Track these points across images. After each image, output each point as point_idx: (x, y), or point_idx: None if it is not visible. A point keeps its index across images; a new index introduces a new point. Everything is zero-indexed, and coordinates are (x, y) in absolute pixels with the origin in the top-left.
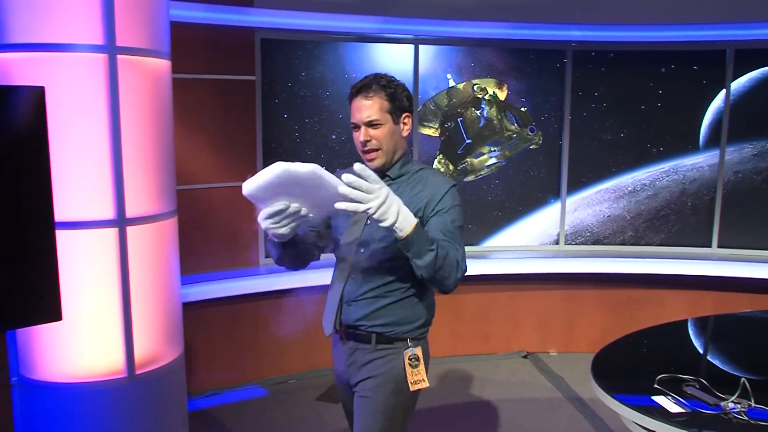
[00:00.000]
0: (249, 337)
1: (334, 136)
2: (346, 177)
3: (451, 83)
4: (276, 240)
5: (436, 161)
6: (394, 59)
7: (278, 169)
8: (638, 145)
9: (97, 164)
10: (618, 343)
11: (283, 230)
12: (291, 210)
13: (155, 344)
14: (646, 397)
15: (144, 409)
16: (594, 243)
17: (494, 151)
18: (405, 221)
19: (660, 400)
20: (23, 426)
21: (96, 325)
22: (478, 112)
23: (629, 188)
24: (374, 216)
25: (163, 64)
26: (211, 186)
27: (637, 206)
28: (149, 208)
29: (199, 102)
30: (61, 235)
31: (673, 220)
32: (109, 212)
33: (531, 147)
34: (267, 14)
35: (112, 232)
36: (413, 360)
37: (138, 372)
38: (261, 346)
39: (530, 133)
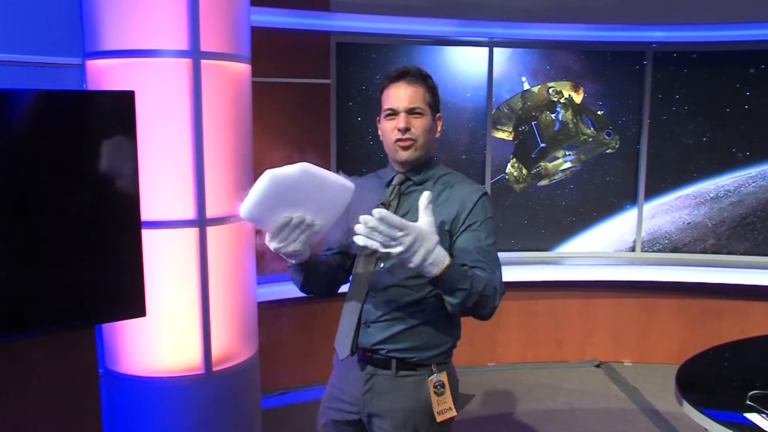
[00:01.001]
0: (320, 337)
1: None
2: (364, 219)
3: (526, 86)
4: (293, 261)
5: (509, 165)
6: (468, 62)
7: (266, 178)
8: (722, 149)
9: (179, 166)
10: (703, 356)
11: (294, 246)
12: (296, 221)
13: (232, 342)
14: (737, 413)
15: (219, 405)
16: (672, 251)
17: (569, 155)
18: (433, 265)
19: (754, 417)
20: (108, 415)
21: (176, 322)
22: (553, 115)
23: (711, 194)
24: (397, 257)
25: (244, 68)
26: None
27: (719, 213)
28: (228, 208)
29: (276, 105)
30: (145, 235)
31: (760, 228)
32: (190, 212)
33: (607, 151)
34: (343, 18)
35: (192, 232)
36: (439, 387)
37: (215, 369)
38: (331, 348)
39: (606, 137)
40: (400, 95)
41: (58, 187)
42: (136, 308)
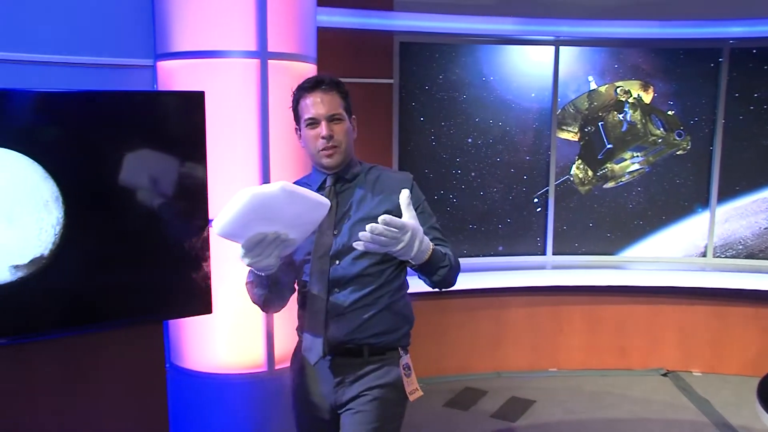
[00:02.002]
0: None
1: (470, 140)
2: (371, 227)
3: (593, 86)
4: (262, 275)
5: (574, 166)
6: (532, 61)
7: (246, 196)
8: None
9: (245, 165)
10: None
11: (267, 261)
12: (270, 237)
13: (294, 341)
14: None
15: (281, 403)
16: (748, 257)
17: (637, 156)
18: (423, 252)
19: None
20: (172, 408)
21: (240, 320)
22: (620, 115)
23: None
24: (394, 253)
25: (310, 69)
26: None
27: None
28: None
29: None
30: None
31: None
32: None
33: (678, 152)
34: (406, 18)
35: None
36: (406, 369)
37: (277, 367)
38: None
39: (677, 138)
40: (318, 104)
41: (130, 186)
42: (204, 306)
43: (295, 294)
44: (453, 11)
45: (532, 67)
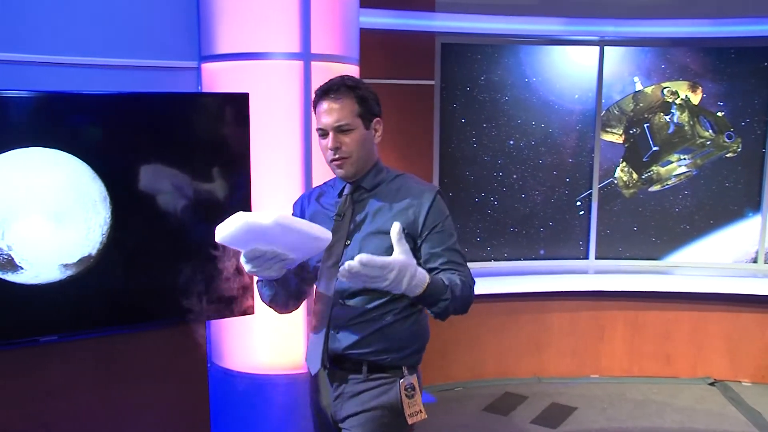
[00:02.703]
0: (451, 338)
1: (511, 142)
2: (348, 266)
3: (638, 87)
4: (267, 280)
5: (618, 169)
6: (576, 62)
7: (239, 222)
8: None
9: (288, 166)
10: None
11: (268, 273)
12: (269, 255)
13: None
14: None
15: None
16: None
17: (684, 159)
18: (416, 287)
19: None
20: (214, 408)
21: (281, 322)
22: (667, 117)
23: None
24: (381, 289)
25: (353, 70)
26: None
27: None
28: None
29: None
30: None
31: None
32: None
33: (727, 155)
34: (448, 18)
35: None
36: (410, 390)
37: None
38: (428, 352)
39: (727, 140)
40: (326, 113)
41: (174, 187)
42: (246, 307)
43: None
44: (495, 11)
45: (575, 67)
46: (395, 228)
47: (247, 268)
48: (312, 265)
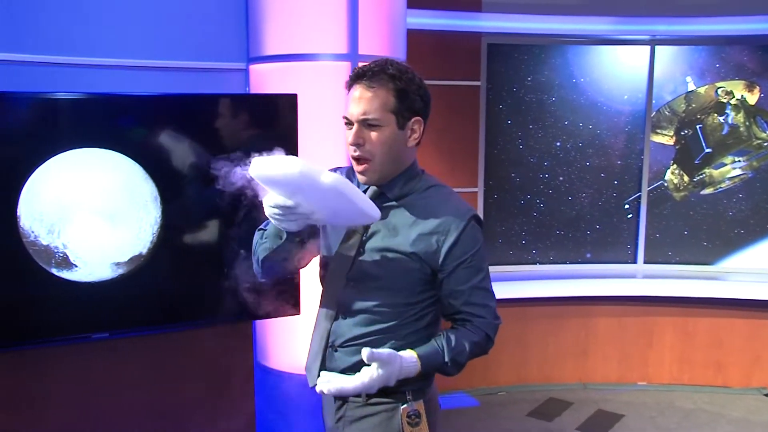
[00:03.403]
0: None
1: (558, 143)
2: (323, 378)
3: (691, 87)
4: (281, 228)
5: (669, 171)
6: (626, 62)
7: (292, 168)
8: None
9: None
10: None
11: (288, 225)
12: (301, 211)
13: None
14: None
15: None
16: None
17: (739, 161)
18: (406, 376)
19: None
20: (258, 406)
21: None
22: (721, 118)
23: None
24: None
25: None
26: None
27: None
28: None
29: None
30: None
31: None
32: None
33: None
34: (495, 18)
35: None
36: (413, 417)
37: None
38: (523, 350)
39: None
40: (354, 100)
41: (222, 187)
42: (292, 307)
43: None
44: (543, 11)
45: (625, 68)
46: (364, 354)
47: (269, 212)
48: (323, 255)
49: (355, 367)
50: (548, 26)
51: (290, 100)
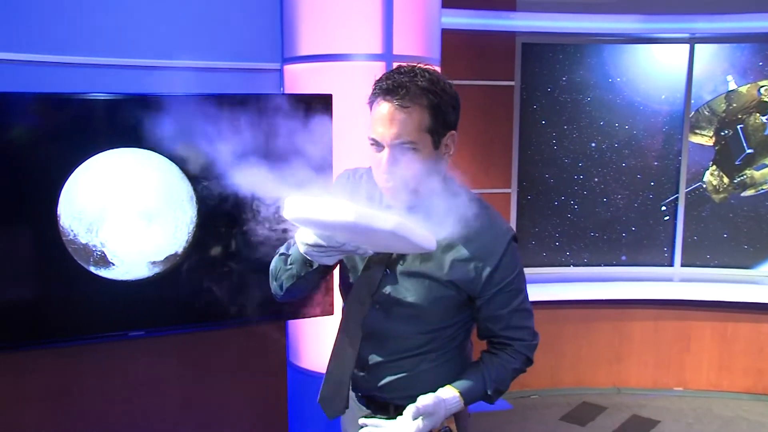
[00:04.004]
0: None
1: (593, 144)
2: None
3: (732, 86)
4: (313, 261)
5: (708, 173)
6: (664, 61)
7: (347, 216)
8: None
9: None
10: None
11: (328, 260)
12: (345, 249)
13: None
14: None
15: None
16: None
17: None
18: (451, 414)
19: None
20: (292, 405)
21: None
22: (764, 118)
23: None
24: None
25: None
26: None
27: None
28: None
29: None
30: None
31: None
32: None
33: None
34: (529, 18)
35: None
36: None
37: None
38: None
39: None
40: (385, 121)
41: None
42: (325, 307)
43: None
44: (578, 10)
45: (663, 67)
46: (409, 413)
47: (304, 249)
48: (344, 275)
49: (384, 389)
50: (584, 25)
51: (325, 100)
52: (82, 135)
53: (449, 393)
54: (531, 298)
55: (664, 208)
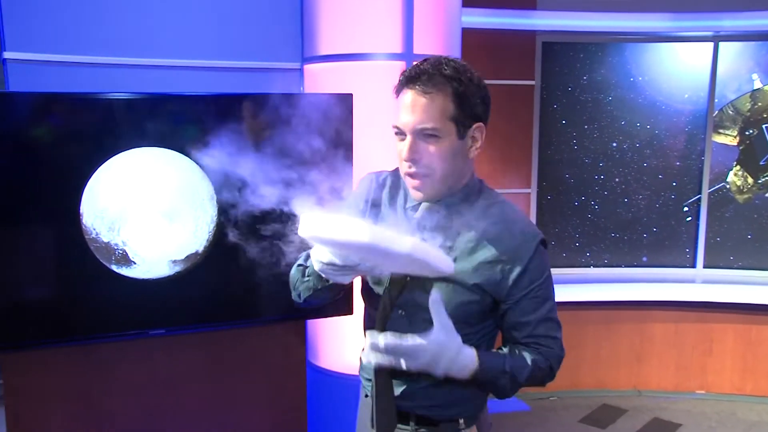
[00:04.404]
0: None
1: (614, 144)
2: (372, 344)
3: (757, 85)
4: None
5: (731, 173)
6: (687, 59)
7: (362, 236)
8: None
9: (391, 167)
10: None
11: (343, 279)
12: (360, 268)
13: None
14: None
15: None
16: None
17: None
18: (459, 371)
19: None
20: (311, 404)
21: None
22: None
23: None
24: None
25: None
26: None
27: None
28: None
29: None
30: None
31: None
32: None
33: None
34: (550, 16)
35: None
36: None
37: None
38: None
39: None
40: (408, 108)
41: (277, 187)
42: (345, 307)
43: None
44: (599, 8)
45: (686, 65)
46: (433, 298)
47: (318, 267)
48: (370, 277)
49: (405, 397)
50: (605, 23)
51: (346, 99)
52: (105, 134)
53: (469, 348)
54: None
55: (686, 208)
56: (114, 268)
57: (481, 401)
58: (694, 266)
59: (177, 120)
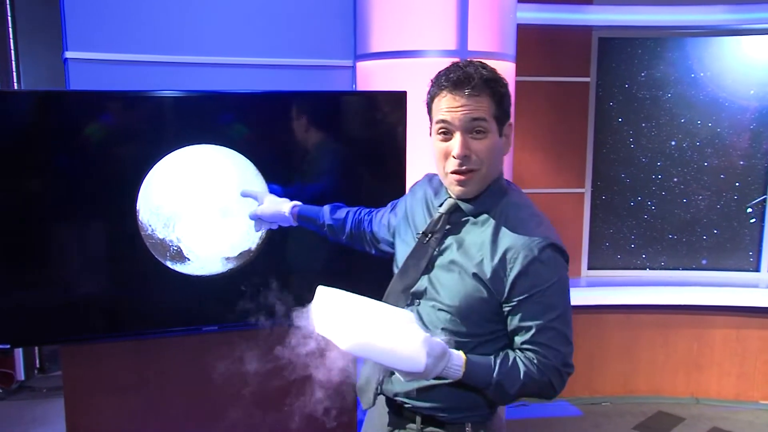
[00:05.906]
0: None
1: (673, 142)
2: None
3: None
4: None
5: None
6: (752, 54)
7: (342, 345)
8: None
9: None
10: None
11: None
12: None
13: None
14: None
15: None
16: None
17: None
18: (450, 372)
19: None
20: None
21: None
22: None
23: None
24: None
25: (509, 67)
26: (539, 191)
27: None
28: None
29: (533, 104)
30: None
31: None
32: None
33: None
34: (606, 11)
35: None
36: None
37: None
38: (575, 363)
39: None
40: (456, 106)
41: (330, 185)
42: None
43: None
44: (658, 2)
45: (751, 60)
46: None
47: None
48: (368, 231)
49: (412, 396)
50: (665, 18)
51: (399, 97)
52: (161, 132)
53: (457, 353)
54: (603, 302)
55: (750, 209)
56: (169, 264)
57: (489, 409)
58: (757, 270)
59: (230, 117)
